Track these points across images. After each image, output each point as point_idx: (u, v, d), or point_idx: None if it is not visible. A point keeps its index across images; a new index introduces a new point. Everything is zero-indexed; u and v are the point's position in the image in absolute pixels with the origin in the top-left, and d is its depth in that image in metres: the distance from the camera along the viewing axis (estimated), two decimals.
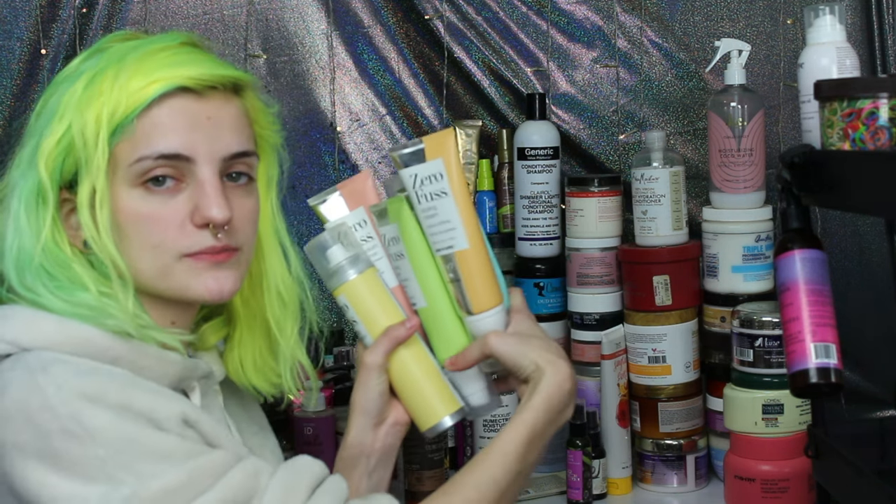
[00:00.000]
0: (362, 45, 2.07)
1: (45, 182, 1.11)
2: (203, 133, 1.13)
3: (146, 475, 1.02)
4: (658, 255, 1.85)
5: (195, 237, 1.13)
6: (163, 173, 1.11)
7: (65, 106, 1.12)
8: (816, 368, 1.22)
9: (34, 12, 1.92)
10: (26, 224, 1.12)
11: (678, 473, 1.83)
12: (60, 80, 1.16)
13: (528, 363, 1.21)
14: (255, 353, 1.27)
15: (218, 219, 1.12)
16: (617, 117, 2.08)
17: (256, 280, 1.26)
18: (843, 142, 1.25)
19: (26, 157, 1.14)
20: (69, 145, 1.11)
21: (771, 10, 2.05)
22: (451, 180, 1.21)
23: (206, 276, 1.14)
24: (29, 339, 1.08)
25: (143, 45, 1.14)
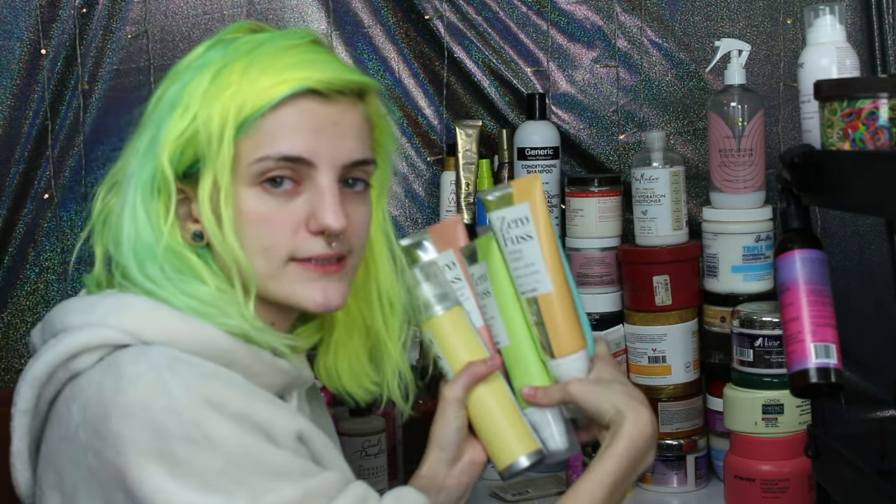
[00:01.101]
0: (362, 45, 2.07)
1: (167, 172, 1.09)
2: (327, 138, 1.11)
3: (261, 490, 1.01)
4: (658, 255, 1.85)
5: (308, 243, 1.11)
6: (281, 174, 1.10)
7: (189, 96, 1.10)
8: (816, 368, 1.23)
9: (34, 12, 1.92)
10: (144, 214, 1.10)
11: (678, 473, 1.83)
12: (183, 69, 1.13)
13: (609, 408, 1.20)
14: (351, 359, 1.26)
15: (334, 227, 1.10)
16: (617, 117, 2.08)
17: (362, 286, 1.24)
18: (843, 142, 1.25)
19: (145, 145, 1.12)
20: (192, 137, 1.09)
21: (771, 10, 2.05)
22: (537, 224, 1.22)
23: (314, 286, 1.12)
24: (151, 331, 1.06)
25: (272, 41, 1.13)
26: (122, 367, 1.03)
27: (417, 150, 2.10)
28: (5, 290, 1.93)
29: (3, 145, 1.93)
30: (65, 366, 1.07)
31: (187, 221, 1.13)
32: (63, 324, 1.09)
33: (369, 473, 1.72)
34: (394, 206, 2.10)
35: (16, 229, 1.94)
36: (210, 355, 1.06)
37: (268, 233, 1.10)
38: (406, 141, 2.10)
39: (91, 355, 1.06)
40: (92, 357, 1.06)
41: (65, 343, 1.06)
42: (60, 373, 1.07)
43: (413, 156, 2.10)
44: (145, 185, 1.11)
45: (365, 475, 1.72)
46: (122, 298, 1.09)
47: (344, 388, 1.27)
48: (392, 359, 1.25)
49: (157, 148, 1.10)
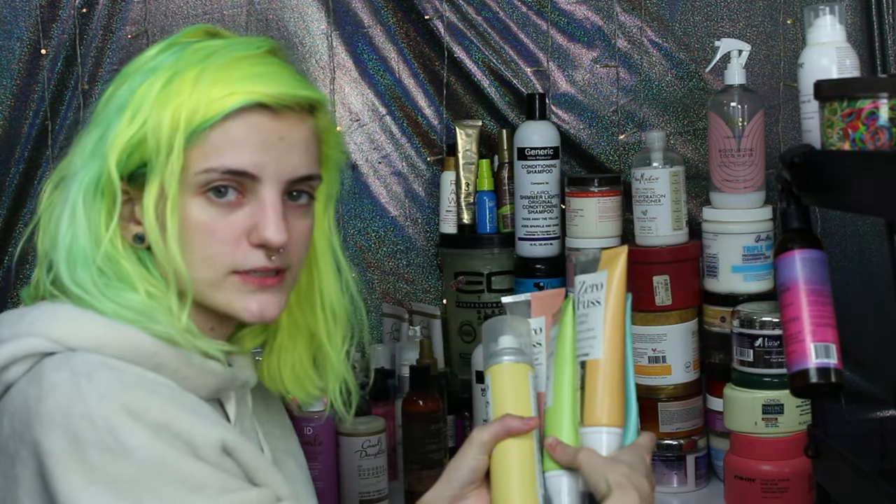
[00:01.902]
0: (362, 45, 2.07)
1: (114, 175, 1.09)
2: (273, 153, 1.11)
3: (173, 502, 1.00)
4: (658, 255, 1.85)
5: (248, 255, 1.11)
6: (226, 184, 1.10)
7: (140, 99, 1.09)
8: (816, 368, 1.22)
9: (34, 12, 1.92)
10: (83, 215, 1.10)
11: (678, 473, 1.83)
12: (133, 71, 1.13)
13: (602, 482, 1.14)
14: (294, 363, 1.25)
15: (275, 242, 1.10)
16: (617, 117, 2.08)
17: (306, 294, 1.24)
18: (843, 142, 1.24)
19: (91, 145, 1.12)
20: (140, 141, 1.09)
21: (771, 10, 2.05)
22: (609, 293, 1.21)
23: (250, 299, 1.12)
24: (76, 338, 1.06)
25: (226, 49, 1.12)
26: (45, 375, 1.04)
27: (417, 150, 2.10)
28: (5, 290, 1.93)
29: (3, 145, 1.93)
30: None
31: (130, 223, 1.13)
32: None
33: (369, 473, 1.72)
34: (394, 206, 2.10)
35: (16, 229, 1.94)
36: (136, 360, 1.06)
37: (210, 242, 1.10)
38: (406, 141, 2.10)
39: (20, 365, 1.06)
40: (22, 367, 1.06)
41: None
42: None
43: (413, 156, 2.10)
44: (89, 186, 1.10)
45: (365, 475, 1.72)
46: (49, 308, 1.09)
47: (286, 389, 1.26)
48: (334, 367, 1.25)
49: (104, 149, 1.10)
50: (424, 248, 2.12)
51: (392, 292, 2.11)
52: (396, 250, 2.12)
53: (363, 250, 2.09)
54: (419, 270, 2.12)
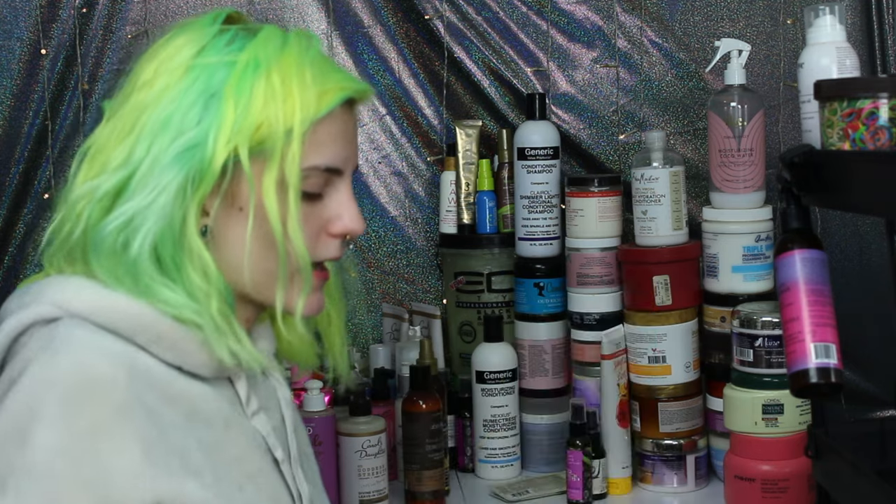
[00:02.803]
0: (362, 45, 2.07)
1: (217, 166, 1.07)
2: (350, 147, 1.16)
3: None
4: (658, 255, 1.85)
5: (328, 246, 1.14)
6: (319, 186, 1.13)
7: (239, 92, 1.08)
8: (816, 368, 1.22)
9: (34, 12, 1.92)
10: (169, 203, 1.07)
11: (678, 473, 1.83)
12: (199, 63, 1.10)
13: None
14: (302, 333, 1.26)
15: (358, 231, 1.15)
16: (617, 117, 2.08)
17: None
18: (843, 142, 1.24)
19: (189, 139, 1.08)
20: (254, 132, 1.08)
21: (771, 10, 2.05)
22: None
23: (314, 297, 1.15)
24: (77, 303, 1.05)
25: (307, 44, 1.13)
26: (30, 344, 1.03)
27: (417, 150, 2.10)
28: (5, 290, 1.93)
29: (3, 145, 1.93)
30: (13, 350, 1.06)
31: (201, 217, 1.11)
32: (6, 312, 1.09)
33: (369, 473, 1.72)
34: (394, 206, 2.10)
35: (16, 229, 1.94)
36: (133, 330, 1.05)
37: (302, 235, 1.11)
38: (406, 141, 2.10)
39: (27, 335, 1.06)
40: (28, 336, 1.06)
41: (5, 330, 1.06)
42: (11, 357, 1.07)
43: (413, 156, 2.10)
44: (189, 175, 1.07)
45: (365, 475, 1.72)
46: (58, 278, 1.09)
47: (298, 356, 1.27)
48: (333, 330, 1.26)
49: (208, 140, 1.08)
50: (424, 248, 2.12)
51: (392, 292, 2.11)
52: (396, 250, 2.12)
53: (363, 250, 2.09)
54: (419, 270, 2.12)
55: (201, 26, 1.15)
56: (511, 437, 1.90)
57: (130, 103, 1.12)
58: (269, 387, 1.23)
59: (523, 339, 1.96)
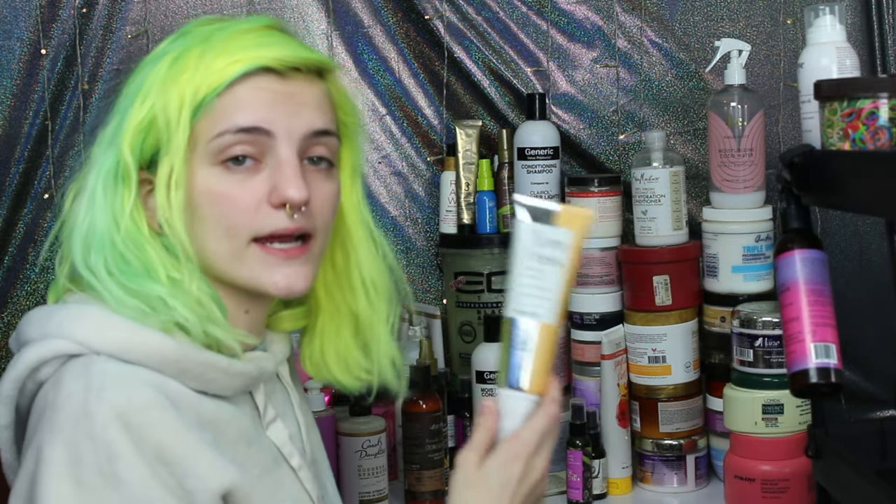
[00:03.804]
0: (362, 45, 2.07)
1: (128, 160, 1.10)
2: (283, 109, 1.11)
3: None
4: (658, 255, 1.85)
5: (269, 217, 1.10)
6: (242, 151, 1.10)
7: (149, 85, 1.11)
8: (816, 368, 1.22)
9: (34, 12, 1.92)
10: (102, 201, 1.10)
11: (678, 473, 1.83)
12: (146, 63, 1.15)
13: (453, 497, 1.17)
14: (339, 347, 1.25)
15: (295, 199, 1.10)
16: (617, 117, 2.08)
17: (343, 273, 1.23)
18: (843, 142, 1.24)
19: (108, 136, 1.13)
20: (151, 124, 1.10)
21: (771, 10, 2.05)
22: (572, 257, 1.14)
23: (275, 272, 1.12)
24: (100, 341, 1.06)
25: (228, 27, 1.14)
26: (64, 381, 1.04)
27: (417, 150, 2.10)
28: (5, 290, 1.93)
29: (3, 145, 1.93)
30: (31, 378, 1.08)
31: (155, 211, 1.13)
32: (25, 336, 1.10)
33: (369, 473, 1.72)
34: (394, 206, 2.10)
35: (16, 229, 1.94)
36: (159, 366, 1.06)
37: (229, 211, 1.10)
38: (406, 141, 2.10)
39: (49, 366, 1.07)
40: (51, 368, 1.07)
41: (24, 358, 1.08)
42: (29, 384, 1.09)
43: (413, 156, 2.10)
44: (107, 174, 1.11)
45: (365, 475, 1.72)
46: (76, 308, 1.10)
47: (333, 377, 1.26)
48: (382, 343, 1.25)
49: (119, 137, 1.11)
50: (424, 248, 2.12)
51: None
52: (396, 250, 2.10)
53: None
54: (419, 270, 2.12)
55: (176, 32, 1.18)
56: None
57: None
58: (284, 392, 1.24)
59: None
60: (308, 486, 1.20)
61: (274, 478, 1.15)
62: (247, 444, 1.13)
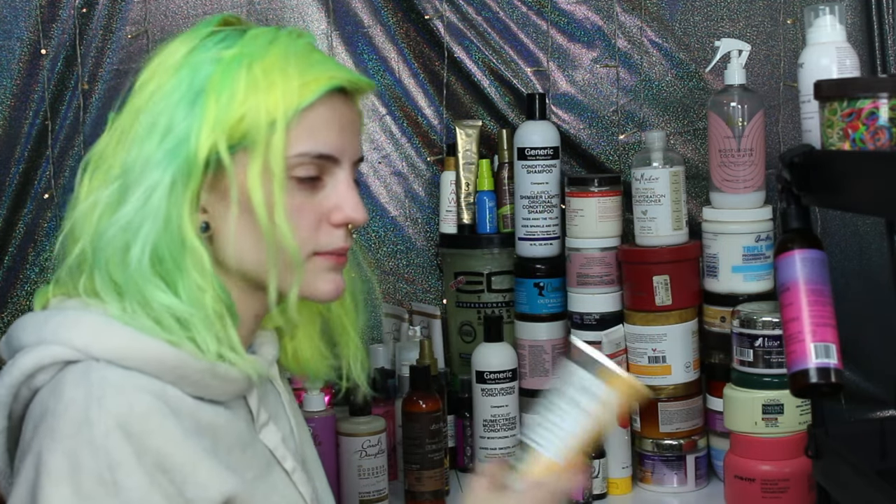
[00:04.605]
0: (362, 45, 2.07)
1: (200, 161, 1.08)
2: (349, 136, 1.16)
3: None
4: (658, 255, 1.84)
5: (330, 236, 1.15)
6: (310, 173, 1.13)
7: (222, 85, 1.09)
8: (816, 368, 1.22)
9: (34, 12, 1.92)
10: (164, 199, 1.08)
11: (678, 473, 1.83)
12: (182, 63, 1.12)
13: None
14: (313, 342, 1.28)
15: (359, 221, 1.15)
16: (617, 117, 2.08)
17: None
18: (843, 142, 1.24)
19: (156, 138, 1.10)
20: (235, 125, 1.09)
21: (771, 10, 2.05)
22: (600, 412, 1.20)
23: (327, 279, 1.16)
24: (98, 348, 1.06)
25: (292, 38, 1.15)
26: (64, 388, 1.04)
27: (417, 150, 2.10)
28: (5, 290, 1.93)
29: (3, 145, 1.93)
30: (26, 384, 1.08)
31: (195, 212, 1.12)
32: (19, 341, 1.10)
33: (369, 473, 1.72)
34: (394, 206, 2.10)
35: (16, 229, 1.94)
36: (157, 372, 1.06)
37: (298, 223, 1.12)
38: (406, 141, 2.10)
39: (45, 373, 1.07)
40: (47, 374, 1.07)
41: (19, 364, 1.07)
42: (23, 391, 1.08)
43: (413, 156, 2.10)
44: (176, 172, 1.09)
45: (365, 475, 1.72)
46: (72, 314, 1.09)
47: (311, 370, 1.29)
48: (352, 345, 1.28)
49: (191, 135, 1.09)
50: (424, 248, 2.12)
51: (392, 292, 2.10)
52: (396, 250, 2.12)
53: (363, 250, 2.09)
54: (419, 270, 2.12)
55: (196, 29, 1.17)
56: (511, 437, 1.90)
57: (127, 109, 1.15)
58: (275, 393, 1.24)
59: (523, 339, 1.96)
60: (302, 488, 1.20)
61: (268, 482, 1.15)
62: (242, 449, 1.13)
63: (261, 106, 1.10)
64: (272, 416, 1.20)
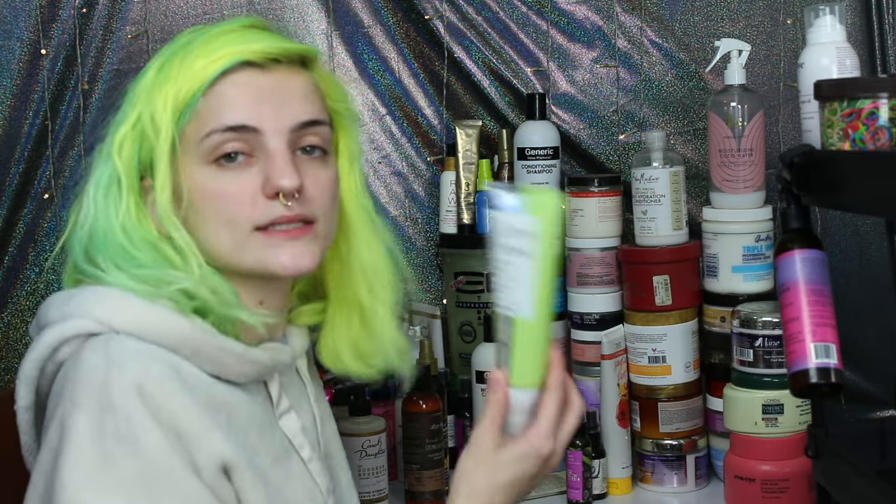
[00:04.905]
0: (362, 45, 2.07)
1: (120, 169, 1.13)
2: (269, 104, 1.13)
3: None
4: (658, 255, 1.85)
5: (267, 209, 1.13)
6: (233, 148, 1.12)
7: (137, 95, 1.14)
8: (816, 368, 1.22)
9: (34, 12, 1.92)
10: (103, 204, 1.13)
11: (678, 473, 1.83)
12: (139, 75, 1.18)
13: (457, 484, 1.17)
14: (350, 337, 1.27)
15: (287, 187, 1.12)
16: (617, 117, 2.08)
17: (346, 260, 1.25)
18: (843, 142, 1.24)
19: (105, 147, 1.16)
20: (141, 132, 1.13)
21: (771, 10, 2.05)
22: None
23: (280, 251, 1.13)
24: (119, 320, 1.08)
25: (209, 30, 1.16)
26: (84, 356, 1.06)
27: (417, 150, 2.10)
28: (5, 290, 1.93)
29: (3, 145, 1.93)
30: (51, 359, 1.10)
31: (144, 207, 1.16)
32: (46, 319, 1.13)
33: (369, 473, 1.72)
34: (394, 206, 2.10)
35: (16, 229, 1.94)
36: (174, 345, 1.08)
37: (227, 207, 1.12)
38: (406, 141, 2.10)
39: (69, 346, 1.09)
40: (71, 347, 1.09)
41: (45, 339, 1.10)
42: (49, 366, 1.11)
43: (413, 156, 2.10)
44: (106, 182, 1.14)
45: (365, 475, 1.72)
46: (96, 290, 1.12)
47: (348, 368, 1.27)
48: (386, 328, 1.27)
49: (111, 147, 1.14)
50: (424, 248, 2.12)
51: None
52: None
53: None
54: (419, 270, 2.12)
55: None
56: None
57: None
58: (300, 385, 1.25)
59: None
60: (318, 478, 1.21)
61: (284, 467, 1.16)
62: (259, 431, 1.14)
63: (156, 106, 1.12)
64: (294, 406, 1.21)
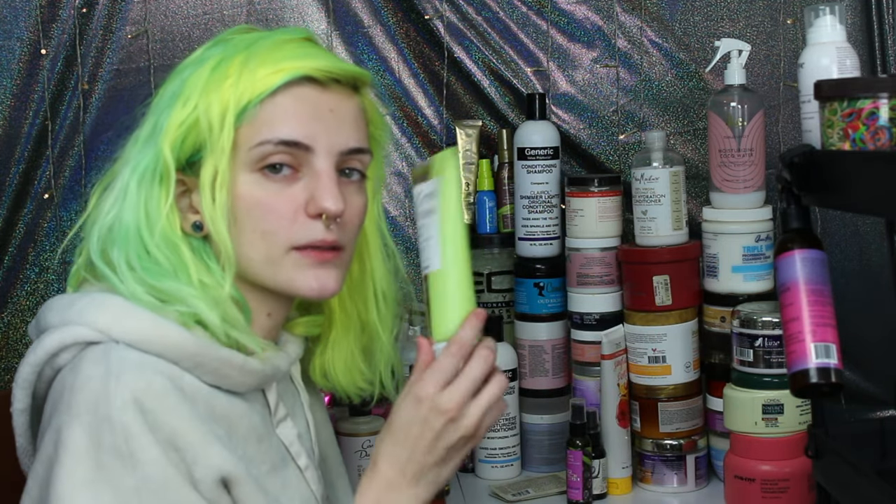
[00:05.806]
0: (362, 45, 2.07)
1: (168, 159, 1.12)
2: (324, 124, 1.14)
3: None
4: (658, 255, 1.84)
5: (307, 228, 1.13)
6: (280, 160, 1.12)
7: (190, 88, 1.13)
8: (816, 368, 1.22)
9: (34, 12, 1.92)
10: (135, 198, 1.12)
11: (678, 473, 1.83)
12: (184, 67, 1.17)
13: None
14: (346, 356, 1.28)
15: (332, 210, 1.12)
16: (617, 117, 2.08)
17: (359, 283, 1.27)
18: (843, 142, 1.24)
19: (144, 136, 1.15)
20: (192, 126, 1.12)
21: (771, 10, 2.05)
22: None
23: (310, 274, 1.14)
24: (120, 330, 1.08)
25: (270, 36, 1.16)
26: (83, 365, 1.06)
27: (417, 150, 2.10)
28: (5, 290, 1.93)
29: (3, 145, 1.93)
30: (49, 363, 1.10)
31: (188, 213, 1.15)
32: (46, 322, 1.12)
33: None
34: (394, 206, 2.10)
35: (16, 229, 1.94)
36: (176, 358, 1.08)
37: (267, 217, 1.12)
38: (406, 141, 2.10)
39: (68, 352, 1.09)
40: (69, 354, 1.09)
41: (44, 343, 1.10)
42: (47, 370, 1.11)
43: (413, 156, 2.10)
44: (144, 171, 1.13)
45: None
46: (99, 297, 1.11)
47: (339, 385, 1.29)
48: (385, 351, 1.28)
49: (158, 136, 1.13)
50: None
51: None
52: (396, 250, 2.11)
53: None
54: (419, 270, 2.11)
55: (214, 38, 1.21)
56: (511, 437, 1.90)
57: None
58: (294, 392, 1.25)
59: (523, 339, 1.96)
60: (314, 486, 1.21)
61: (281, 476, 1.16)
62: (257, 440, 1.14)
63: (213, 103, 1.11)
64: (290, 413, 1.22)
